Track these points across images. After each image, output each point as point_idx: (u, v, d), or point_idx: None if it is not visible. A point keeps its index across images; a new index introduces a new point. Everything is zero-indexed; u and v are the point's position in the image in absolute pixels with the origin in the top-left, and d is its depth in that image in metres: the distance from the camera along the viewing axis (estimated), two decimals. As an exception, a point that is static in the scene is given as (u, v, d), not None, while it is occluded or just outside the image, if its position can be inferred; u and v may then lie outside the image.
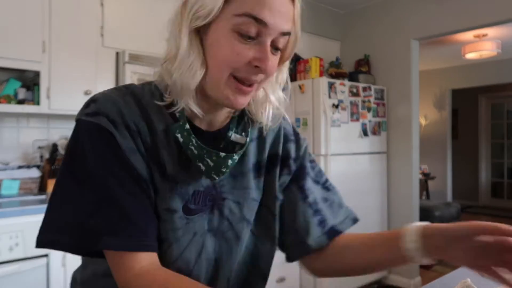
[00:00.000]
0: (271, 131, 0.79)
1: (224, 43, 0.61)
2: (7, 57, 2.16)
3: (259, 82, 0.65)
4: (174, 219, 0.68)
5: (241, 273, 0.79)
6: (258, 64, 0.62)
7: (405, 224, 0.70)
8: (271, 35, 0.61)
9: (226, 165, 0.68)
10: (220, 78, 0.63)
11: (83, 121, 0.64)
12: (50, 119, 2.60)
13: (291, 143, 0.81)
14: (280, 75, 0.73)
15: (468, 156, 7.69)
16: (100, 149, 0.63)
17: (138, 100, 0.67)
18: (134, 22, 2.63)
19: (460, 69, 6.64)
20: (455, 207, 5.25)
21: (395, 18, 3.62)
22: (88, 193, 0.61)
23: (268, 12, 0.59)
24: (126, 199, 0.62)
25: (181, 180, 0.68)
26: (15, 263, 1.86)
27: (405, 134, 3.57)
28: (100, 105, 0.64)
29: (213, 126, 0.72)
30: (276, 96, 0.73)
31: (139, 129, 0.65)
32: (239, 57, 0.61)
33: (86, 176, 0.62)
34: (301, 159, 0.82)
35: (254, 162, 0.77)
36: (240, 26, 0.60)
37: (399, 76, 3.59)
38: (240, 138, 0.73)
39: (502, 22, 3.10)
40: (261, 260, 0.80)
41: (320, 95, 3.09)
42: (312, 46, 3.74)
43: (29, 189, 2.37)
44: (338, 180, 3.16)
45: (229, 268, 0.76)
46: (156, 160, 0.67)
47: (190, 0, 0.62)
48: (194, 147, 0.66)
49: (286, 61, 0.70)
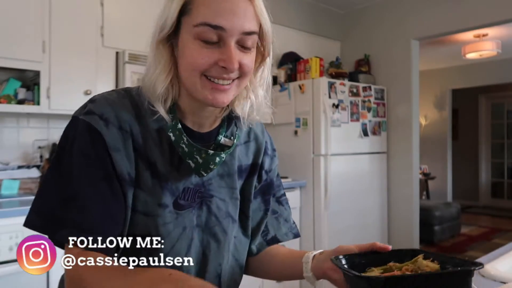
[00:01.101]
0: (254, 141, 0.86)
1: (190, 49, 0.66)
2: (7, 57, 2.16)
3: (236, 79, 0.69)
4: (165, 213, 0.72)
5: (228, 267, 0.83)
6: (223, 64, 0.66)
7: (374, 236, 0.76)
8: (232, 36, 0.65)
9: (214, 162, 0.73)
10: (194, 81, 0.68)
11: (76, 118, 0.70)
12: (50, 119, 2.60)
13: (267, 157, 0.89)
14: (262, 72, 0.77)
15: (468, 156, 7.69)
16: (85, 148, 0.67)
17: (134, 103, 0.72)
18: (134, 22, 2.63)
19: (460, 69, 6.65)
20: (455, 207, 5.26)
21: (395, 18, 3.62)
22: (64, 186, 0.67)
23: (223, 17, 0.64)
24: (93, 201, 0.66)
25: (172, 178, 0.73)
26: (15, 263, 1.86)
27: (405, 134, 3.57)
28: (96, 105, 0.70)
29: (203, 127, 0.77)
30: (256, 93, 0.77)
31: (132, 130, 0.70)
32: (204, 59, 0.66)
33: (66, 170, 0.67)
34: (272, 173, 0.90)
35: (239, 165, 0.83)
36: (201, 34, 0.65)
37: (399, 76, 3.59)
38: (229, 142, 0.79)
39: (502, 22, 3.10)
40: (240, 255, 0.86)
41: (320, 95, 3.09)
42: (312, 46, 3.74)
43: (29, 189, 2.37)
44: (338, 180, 3.16)
45: (217, 261, 0.80)
46: (147, 159, 0.72)
47: (160, 16, 0.70)
48: (185, 145, 0.71)
49: (267, 58, 0.74)
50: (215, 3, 0.64)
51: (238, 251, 0.85)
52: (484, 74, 6.39)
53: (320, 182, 3.07)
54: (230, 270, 0.83)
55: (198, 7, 0.65)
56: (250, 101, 0.77)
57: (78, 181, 0.66)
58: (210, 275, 0.79)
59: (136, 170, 0.71)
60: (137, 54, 2.56)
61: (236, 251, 0.85)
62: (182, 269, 0.73)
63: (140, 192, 0.71)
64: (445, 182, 6.89)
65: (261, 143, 0.87)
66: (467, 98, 7.50)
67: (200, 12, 0.64)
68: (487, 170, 7.72)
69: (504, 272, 0.97)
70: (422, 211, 3.91)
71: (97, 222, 0.66)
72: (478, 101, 7.61)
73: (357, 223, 3.35)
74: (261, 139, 0.88)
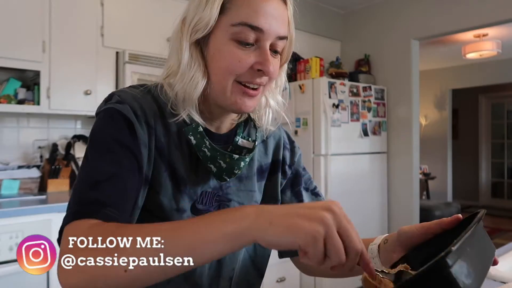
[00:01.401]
0: (272, 138, 0.83)
1: (225, 52, 0.64)
2: (7, 57, 2.16)
3: (264, 84, 0.68)
4: (182, 219, 0.69)
5: (242, 273, 0.80)
6: (260, 67, 0.64)
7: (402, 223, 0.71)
8: (268, 39, 0.64)
9: (238, 167, 0.71)
10: (225, 86, 0.66)
11: (106, 108, 0.65)
12: (50, 119, 2.60)
13: (287, 151, 0.85)
14: (279, 79, 0.76)
15: (468, 156, 7.69)
16: (120, 134, 0.63)
17: (156, 100, 0.69)
18: (134, 22, 2.63)
19: (460, 69, 6.64)
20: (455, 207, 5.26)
21: (395, 18, 3.62)
22: (98, 169, 0.61)
23: (263, 19, 0.63)
24: (130, 180, 0.62)
25: (191, 181, 0.70)
26: (15, 263, 1.86)
27: (405, 134, 3.57)
28: (124, 96, 0.66)
29: (221, 130, 0.75)
30: (275, 100, 0.77)
31: (156, 128, 0.67)
32: (241, 63, 0.64)
33: (97, 156, 0.62)
34: (296, 165, 0.86)
35: (258, 166, 0.80)
36: (238, 34, 0.63)
37: (400, 76, 3.59)
38: (247, 143, 0.76)
39: (502, 22, 3.10)
40: (259, 260, 0.82)
41: (320, 95, 3.09)
42: (312, 46, 3.74)
43: (29, 189, 2.37)
44: (338, 180, 3.16)
45: (231, 267, 0.77)
46: (167, 160, 0.68)
47: (188, 16, 0.66)
48: (207, 149, 0.69)
49: (284, 64, 0.74)
50: (256, 3, 0.63)
51: (256, 254, 0.81)
52: (484, 74, 6.39)
53: (320, 182, 3.07)
54: (243, 272, 0.80)
55: (238, 6, 0.63)
56: (271, 109, 0.76)
57: (118, 159, 0.62)
58: (224, 280, 0.77)
59: (155, 171, 0.67)
60: (137, 54, 2.56)
61: (254, 253, 0.81)
62: (195, 274, 0.71)
63: (156, 194, 0.68)
64: (445, 182, 6.89)
65: (279, 139, 0.85)
66: (467, 98, 7.49)
67: (240, 11, 0.63)
68: (487, 170, 7.71)
69: (504, 272, 0.96)
70: (422, 211, 3.91)
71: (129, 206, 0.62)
72: (478, 101, 7.61)
73: (357, 223, 3.31)
74: (279, 135, 0.85)
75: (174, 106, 0.68)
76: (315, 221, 0.45)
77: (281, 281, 2.84)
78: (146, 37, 2.64)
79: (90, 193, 0.59)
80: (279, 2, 0.66)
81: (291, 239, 0.45)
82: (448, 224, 0.62)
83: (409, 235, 0.66)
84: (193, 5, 0.66)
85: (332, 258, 0.45)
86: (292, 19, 0.69)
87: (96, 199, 0.58)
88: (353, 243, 0.46)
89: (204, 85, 0.67)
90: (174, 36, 0.69)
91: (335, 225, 0.46)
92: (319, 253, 0.45)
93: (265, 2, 0.63)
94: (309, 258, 0.45)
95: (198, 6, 0.65)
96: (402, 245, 0.67)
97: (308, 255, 0.45)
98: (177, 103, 0.68)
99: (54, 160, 2.47)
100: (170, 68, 0.70)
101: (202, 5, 0.64)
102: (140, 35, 2.63)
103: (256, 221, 0.46)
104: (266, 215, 0.46)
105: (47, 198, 2.23)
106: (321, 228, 0.45)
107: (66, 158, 2.53)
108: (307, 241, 0.44)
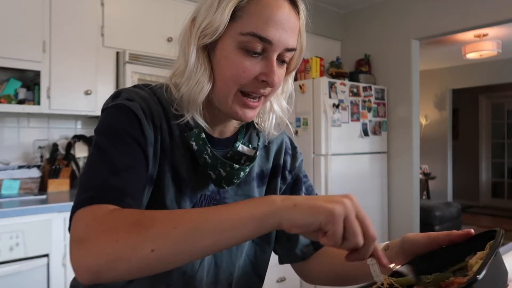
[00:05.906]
0: (274, 143, 0.83)
1: (231, 59, 0.64)
2: (7, 57, 2.16)
3: (266, 95, 0.68)
4: None
5: (243, 279, 0.80)
6: (265, 78, 0.64)
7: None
8: (276, 51, 0.64)
9: (238, 177, 0.71)
10: (228, 94, 0.65)
11: (117, 104, 0.65)
12: (51, 119, 2.60)
13: (288, 156, 0.85)
14: (286, 85, 0.76)
15: (469, 156, 7.68)
16: (126, 123, 0.63)
17: (160, 101, 0.69)
18: (134, 22, 2.63)
19: (460, 69, 6.64)
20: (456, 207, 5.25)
21: (395, 18, 3.62)
22: (111, 161, 0.60)
23: (273, 30, 0.62)
24: (141, 169, 0.62)
25: (191, 184, 0.70)
26: (15, 263, 1.86)
27: (406, 134, 3.57)
28: (132, 95, 0.66)
29: (224, 134, 0.75)
30: (280, 105, 0.77)
31: (162, 127, 0.67)
32: (246, 73, 0.63)
33: (111, 147, 0.61)
34: (297, 171, 0.86)
35: (258, 171, 0.79)
36: (246, 43, 0.62)
37: (400, 76, 3.59)
38: (248, 150, 0.76)
39: (502, 22, 3.10)
40: (259, 264, 0.82)
41: (321, 95, 3.09)
42: (312, 46, 3.73)
43: (29, 189, 2.37)
44: (338, 180, 3.16)
45: (229, 271, 0.77)
46: (170, 161, 0.68)
47: (198, 18, 0.66)
48: (208, 156, 0.69)
49: (292, 72, 0.74)
50: (268, 13, 0.62)
51: (257, 259, 0.81)
52: (484, 74, 6.38)
53: (321, 182, 3.07)
54: (243, 278, 0.80)
55: (250, 15, 0.62)
56: (275, 114, 0.76)
57: (129, 150, 0.62)
58: (222, 285, 0.77)
59: (160, 171, 0.67)
60: (138, 54, 2.56)
61: (255, 259, 0.81)
62: (195, 278, 0.71)
63: (160, 194, 0.68)
64: (445, 182, 6.89)
65: (281, 144, 0.84)
66: (467, 98, 7.49)
67: (251, 21, 0.62)
68: (487, 170, 7.71)
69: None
70: (422, 211, 3.91)
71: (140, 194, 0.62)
72: (478, 101, 7.60)
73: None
74: (281, 140, 0.85)
75: (178, 107, 0.68)
76: (336, 203, 0.47)
77: (281, 281, 2.84)
78: (146, 37, 2.64)
79: (111, 179, 0.58)
80: (292, 12, 0.65)
81: (313, 218, 0.47)
82: (458, 237, 0.61)
83: (413, 243, 0.65)
84: (205, 6, 0.65)
85: (350, 240, 0.47)
86: (304, 30, 0.68)
87: (117, 186, 0.58)
88: (370, 230, 0.48)
89: (209, 89, 0.66)
90: (183, 35, 0.68)
91: (354, 210, 0.48)
92: (339, 232, 0.47)
93: (277, 12, 0.62)
94: (328, 238, 0.47)
95: (210, 8, 0.64)
96: (405, 253, 0.65)
97: (327, 234, 0.47)
98: (182, 105, 0.68)
99: (54, 160, 2.47)
100: (177, 67, 0.69)
101: (214, 8, 0.63)
102: (140, 35, 2.63)
103: (282, 204, 0.48)
104: (291, 200, 0.49)
105: (48, 198, 2.23)
106: (341, 209, 0.47)
107: (66, 158, 2.53)
108: (328, 220, 0.46)
